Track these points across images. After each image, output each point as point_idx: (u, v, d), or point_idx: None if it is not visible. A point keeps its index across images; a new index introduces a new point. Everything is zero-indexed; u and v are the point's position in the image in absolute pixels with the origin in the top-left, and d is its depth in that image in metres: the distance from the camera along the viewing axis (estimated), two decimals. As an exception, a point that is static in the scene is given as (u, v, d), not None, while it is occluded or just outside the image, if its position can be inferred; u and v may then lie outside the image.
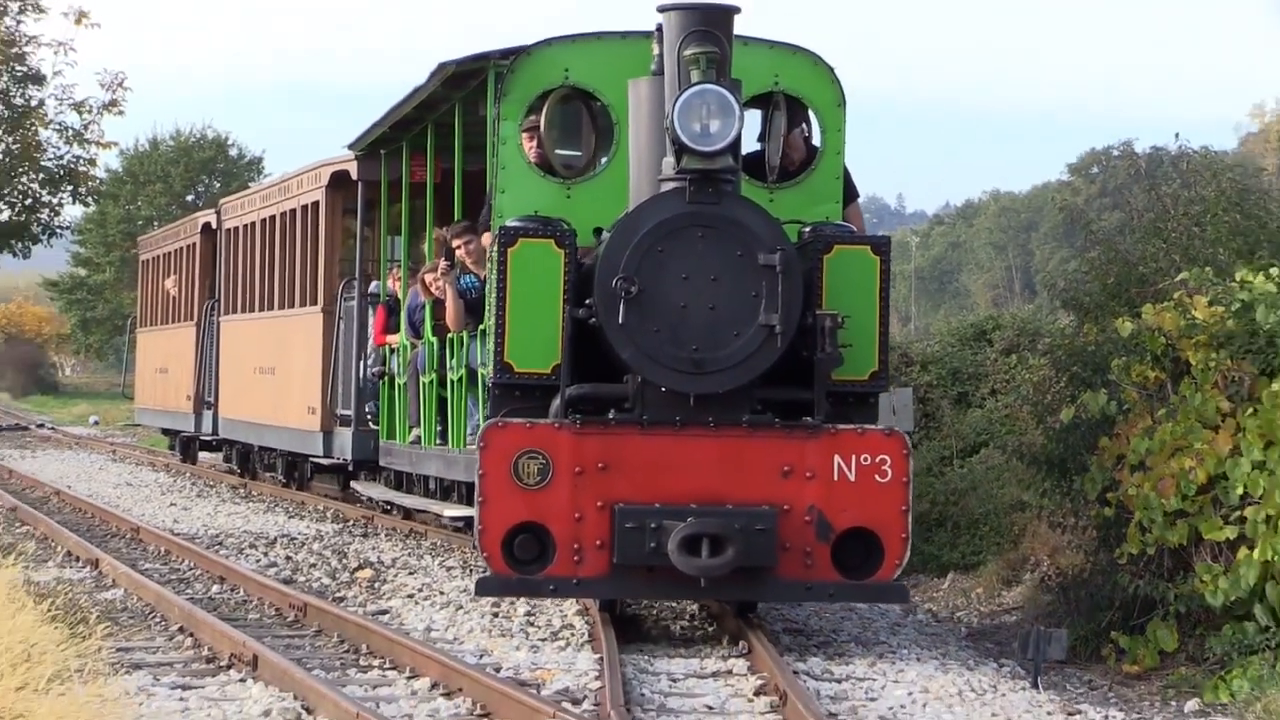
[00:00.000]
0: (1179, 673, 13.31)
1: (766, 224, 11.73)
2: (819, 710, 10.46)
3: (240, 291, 28.30)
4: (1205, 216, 16.04)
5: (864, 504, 11.90)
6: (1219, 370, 13.64)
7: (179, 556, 20.10)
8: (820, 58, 13.37)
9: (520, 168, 13.19)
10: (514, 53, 13.28)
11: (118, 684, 11.54)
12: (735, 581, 11.76)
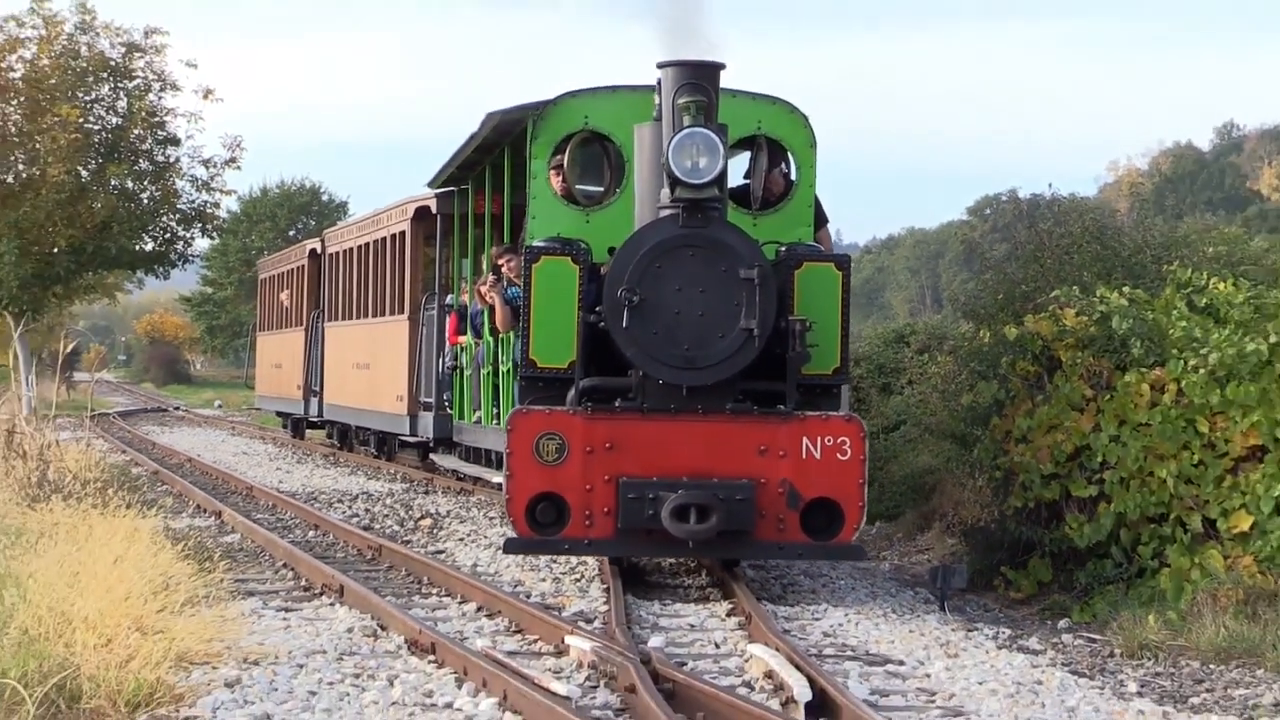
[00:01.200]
0: (1053, 599, 13.38)
1: (746, 244, 11.60)
2: (775, 627, 10.50)
3: (341, 303, 28.17)
4: (1073, 247, 16.09)
5: (828, 478, 11.75)
6: (1083, 365, 13.71)
7: (283, 509, 20.12)
8: (795, 107, 13.34)
9: (547, 198, 13.08)
10: (544, 104, 13.14)
11: (235, 607, 11.57)
12: (719, 543, 11.61)
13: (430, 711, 8.67)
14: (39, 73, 37.63)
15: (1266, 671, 10.44)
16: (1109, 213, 23.95)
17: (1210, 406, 12.77)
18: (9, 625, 9.63)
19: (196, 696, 8.83)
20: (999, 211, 22.41)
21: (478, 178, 16.32)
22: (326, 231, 32.80)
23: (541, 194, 13.09)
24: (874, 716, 8.15)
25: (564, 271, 11.87)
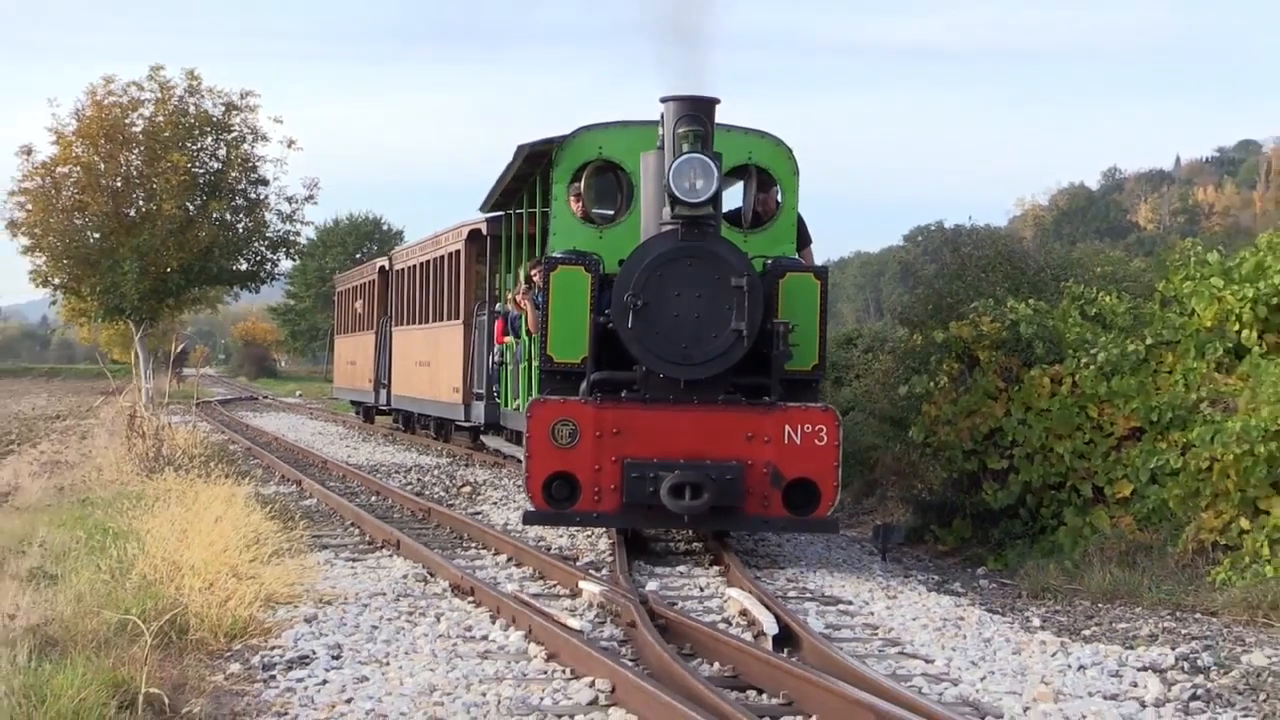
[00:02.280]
0: (972, 551, 13.36)
1: (737, 256, 11.24)
2: (749, 574, 10.50)
3: (405, 310, 27.99)
4: (988, 267, 16.07)
5: (806, 461, 11.27)
6: (997, 363, 13.69)
7: (351, 478, 20.12)
8: (781, 140, 12.92)
9: (566, 217, 12.67)
10: (565, 137, 12.79)
11: (312, 558, 11.59)
12: (711, 517, 11.23)
13: (469, 643, 8.67)
14: (155, 127, 37.79)
15: (1143, 609, 10.47)
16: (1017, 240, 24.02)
17: (1099, 396, 12.79)
18: (130, 572, 9.65)
19: (281, 630, 8.86)
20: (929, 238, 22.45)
21: (518, 203, 15.92)
22: (393, 251, 32.80)
23: (561, 214, 12.71)
24: (828, 646, 8.15)
25: (578, 279, 11.56)
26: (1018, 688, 7.73)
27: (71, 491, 16.12)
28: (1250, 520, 11.17)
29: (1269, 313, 12.83)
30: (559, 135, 12.72)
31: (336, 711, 7.01)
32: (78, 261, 38.17)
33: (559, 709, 7.12)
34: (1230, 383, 12.37)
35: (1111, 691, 7.69)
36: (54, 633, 7.69)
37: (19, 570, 10.12)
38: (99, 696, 6.41)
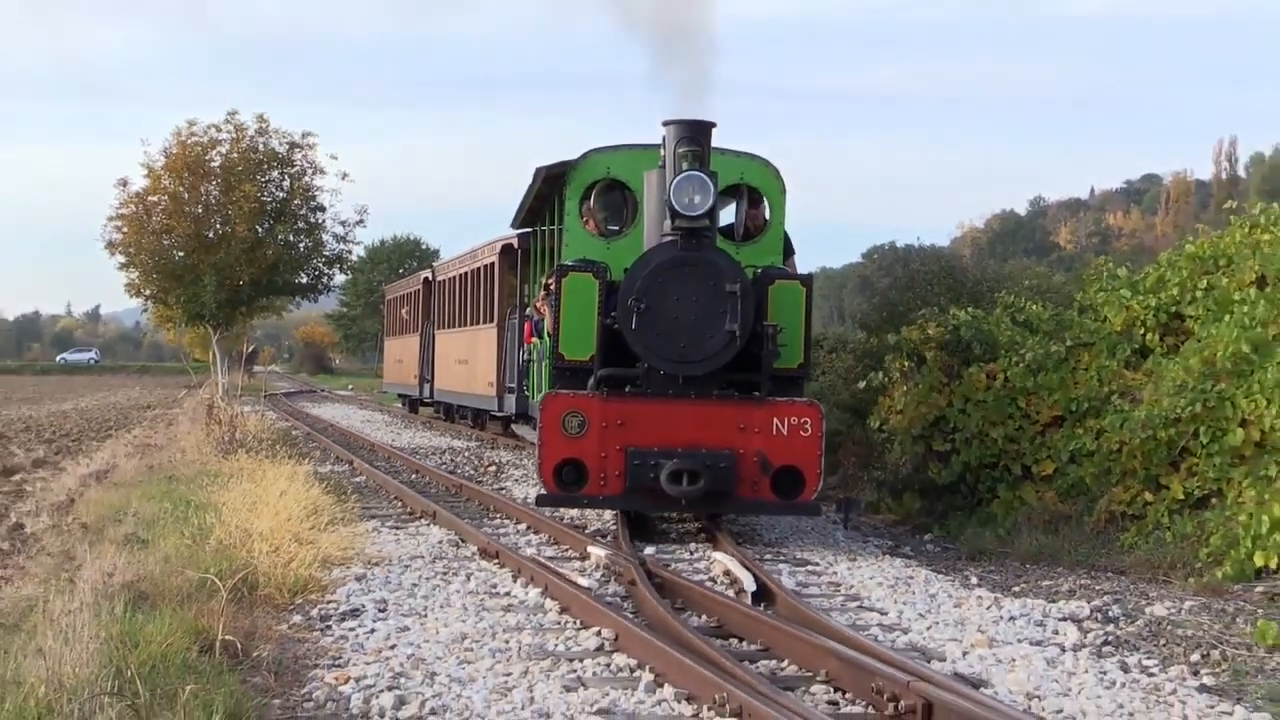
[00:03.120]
0: (920, 521, 13.35)
1: (731, 264, 10.77)
2: (732, 542, 10.48)
3: (446, 315, 27.74)
4: (933, 280, 16.09)
5: (792, 450, 10.67)
6: (941, 361, 13.68)
7: (395, 459, 20.10)
8: (770, 162, 12.47)
9: (578, 231, 12.23)
10: (577, 159, 12.37)
11: (362, 526, 11.56)
12: (706, 500, 10.69)
13: (495, 598, 8.67)
14: (230, 163, 37.92)
15: (1063, 569, 10.47)
16: (957, 257, 24.04)
17: (1026, 389, 12.78)
18: (209, 538, 9.65)
19: (336, 587, 8.86)
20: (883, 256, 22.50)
21: (542, 220, 15.32)
22: (435, 264, 32.72)
23: (573, 227, 12.29)
24: (799, 601, 8.14)
25: (587, 284, 11.07)
26: (958, 636, 7.73)
27: (160, 470, 16.11)
28: (1153, 494, 11.18)
29: (1168, 319, 12.86)
30: (572, 158, 12.39)
31: (382, 656, 7.02)
32: (165, 276, 38.29)
33: (570, 654, 7.12)
34: (1136, 378, 12.38)
35: (1037, 639, 7.70)
36: (145, 588, 7.69)
37: (116, 535, 10.13)
38: (183, 642, 6.41)
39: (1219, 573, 9.65)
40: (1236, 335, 11.29)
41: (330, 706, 6.14)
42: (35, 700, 5.24)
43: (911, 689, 5.78)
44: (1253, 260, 12.46)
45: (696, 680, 6.19)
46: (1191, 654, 7.41)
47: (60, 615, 6.35)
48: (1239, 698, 6.49)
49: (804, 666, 6.81)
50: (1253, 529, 9.69)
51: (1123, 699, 6.36)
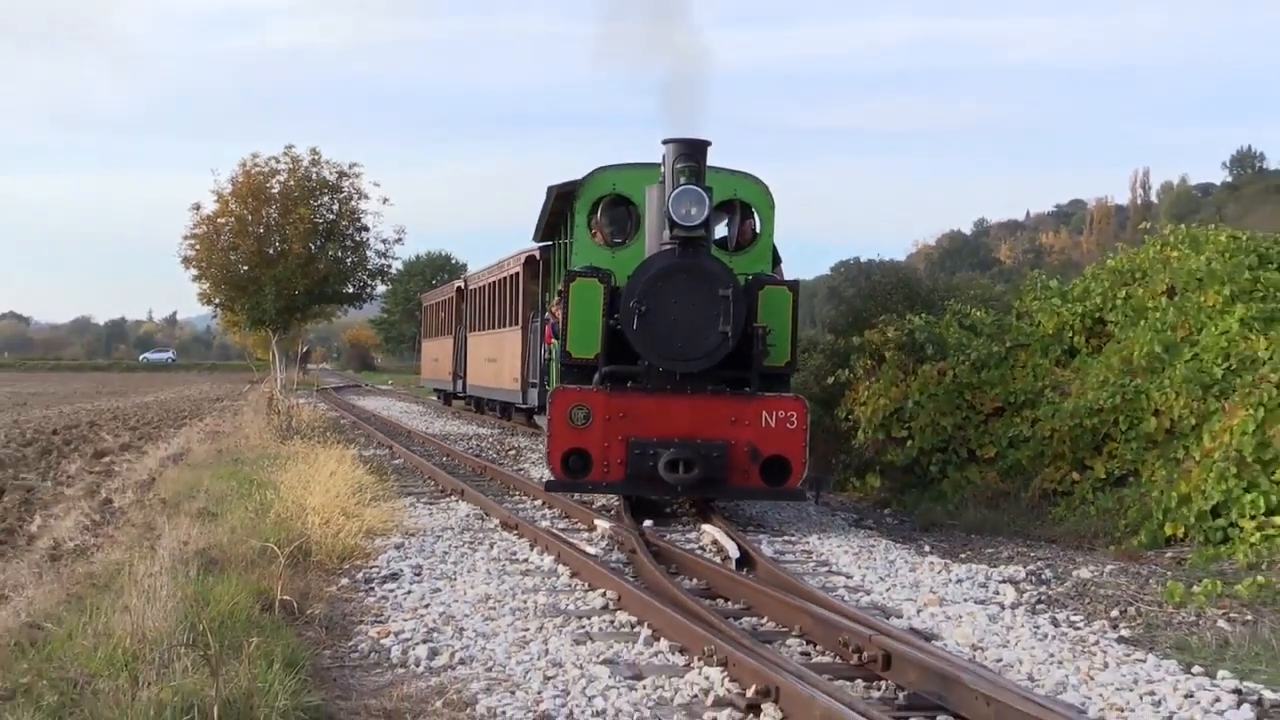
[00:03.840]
0: (881, 497, 13.35)
1: (724, 271, 10.32)
2: (719, 515, 10.47)
3: (477, 320, 27.52)
4: (892, 290, 16.07)
5: (780, 441, 10.14)
6: (898, 360, 13.69)
7: (428, 444, 20.12)
8: (760, 180, 11.88)
9: (585, 241, 11.76)
10: (585, 176, 11.92)
11: (400, 503, 11.56)
12: (700, 487, 10.15)
13: (515, 564, 8.67)
14: (287, 189, 37.90)
15: (1003, 538, 10.48)
16: (913, 270, 23.94)
17: (972, 384, 12.80)
18: (269, 512, 9.65)
19: (377, 554, 8.86)
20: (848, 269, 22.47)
21: (559, 234, 14.60)
22: (466, 275, 32.53)
23: (581, 238, 11.82)
24: (776, 567, 8.14)
25: (593, 289, 10.51)
26: (913, 596, 7.74)
27: (227, 453, 16.11)
28: (1079, 474, 11.21)
29: (1092, 323, 12.89)
30: (581, 177, 11.98)
31: (417, 613, 7.02)
32: (232, 287, 38.26)
33: (579, 612, 7.12)
34: (1065, 375, 12.40)
35: (980, 598, 7.71)
36: (215, 555, 7.69)
37: (190, 509, 10.13)
38: (246, 601, 6.41)
39: (1135, 541, 9.68)
40: (1150, 338, 11.32)
41: (374, 657, 6.15)
42: (122, 650, 5.25)
43: (873, 642, 5.79)
44: (1164, 273, 12.50)
45: (688, 635, 6.20)
46: (1111, 610, 7.42)
47: (143, 577, 6.35)
48: (1151, 647, 6.51)
49: (781, 623, 6.81)
50: (1163, 504, 9.72)
51: (1053, 649, 6.37)
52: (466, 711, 5.10)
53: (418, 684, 5.59)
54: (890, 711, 4.99)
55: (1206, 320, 11.16)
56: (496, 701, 5.25)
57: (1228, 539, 9.16)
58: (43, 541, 9.98)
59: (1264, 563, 8.48)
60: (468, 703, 5.24)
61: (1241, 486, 9.30)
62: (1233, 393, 10.04)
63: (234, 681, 4.76)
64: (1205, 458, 9.69)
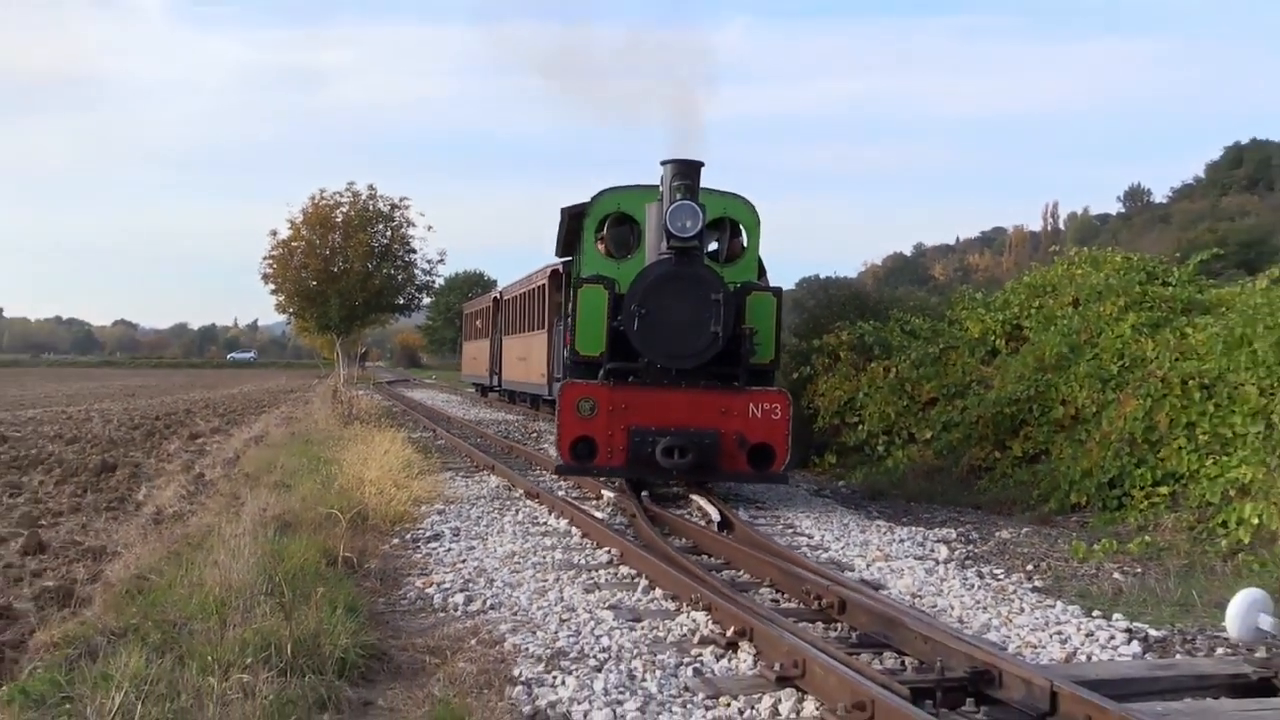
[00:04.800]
0: (837, 472, 13.31)
1: (715, 278, 9.68)
2: (715, 494, 10.44)
3: (510, 324, 26.89)
4: (846, 302, 16.03)
5: (765, 430, 9.47)
6: (851, 359, 13.67)
7: (465, 429, 20.06)
8: (748, 200, 11.09)
9: (593, 254, 11.14)
10: (594, 198, 11.25)
11: (441, 476, 11.48)
12: (694, 471, 9.53)
13: (536, 526, 8.65)
14: (349, 218, 38.11)
15: (937, 506, 10.46)
16: (863, 285, 23.89)
17: (912, 378, 12.77)
18: (333, 484, 9.63)
19: (423, 518, 8.84)
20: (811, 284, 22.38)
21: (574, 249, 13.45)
22: (501, 288, 32.00)
23: (589, 251, 11.22)
24: (750, 529, 8.13)
25: (598, 294, 9.99)
26: (863, 553, 7.72)
27: (298, 435, 16.10)
28: (1001, 452, 11.19)
29: (1011, 329, 12.86)
30: (589, 199, 11.40)
31: (455, 567, 7.00)
32: (302, 298, 38.43)
33: (588, 565, 7.10)
34: (989, 371, 12.37)
35: (919, 555, 7.69)
36: (288, 519, 7.68)
37: (268, 481, 10.12)
38: (314, 558, 6.40)
39: (1046, 508, 9.67)
40: (1058, 340, 11.30)
41: (419, 603, 6.14)
42: (213, 597, 5.24)
43: (830, 590, 5.78)
44: (1070, 288, 12.49)
45: (678, 584, 6.17)
46: (1027, 565, 7.41)
47: (229, 538, 6.35)
48: (1059, 595, 6.50)
49: (754, 575, 6.79)
50: (1069, 477, 9.71)
51: (979, 597, 6.36)
52: (496, 648, 5.09)
53: (456, 625, 5.58)
54: (845, 649, 4.97)
55: (1104, 326, 11.15)
56: (521, 640, 5.24)
57: (1121, 506, 9.16)
58: (148, 508, 9.97)
59: (1150, 525, 8.48)
60: (497, 641, 5.23)
61: (1133, 463, 9.31)
62: (1126, 386, 10.04)
63: (304, 623, 4.75)
64: (1103, 439, 9.69)
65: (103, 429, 20.25)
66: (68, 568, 7.36)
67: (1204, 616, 5.93)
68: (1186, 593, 6.44)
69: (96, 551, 7.90)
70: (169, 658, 4.34)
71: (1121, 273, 12.20)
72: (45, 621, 5.65)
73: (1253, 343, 9.02)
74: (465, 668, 4.72)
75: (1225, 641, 5.37)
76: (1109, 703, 3.91)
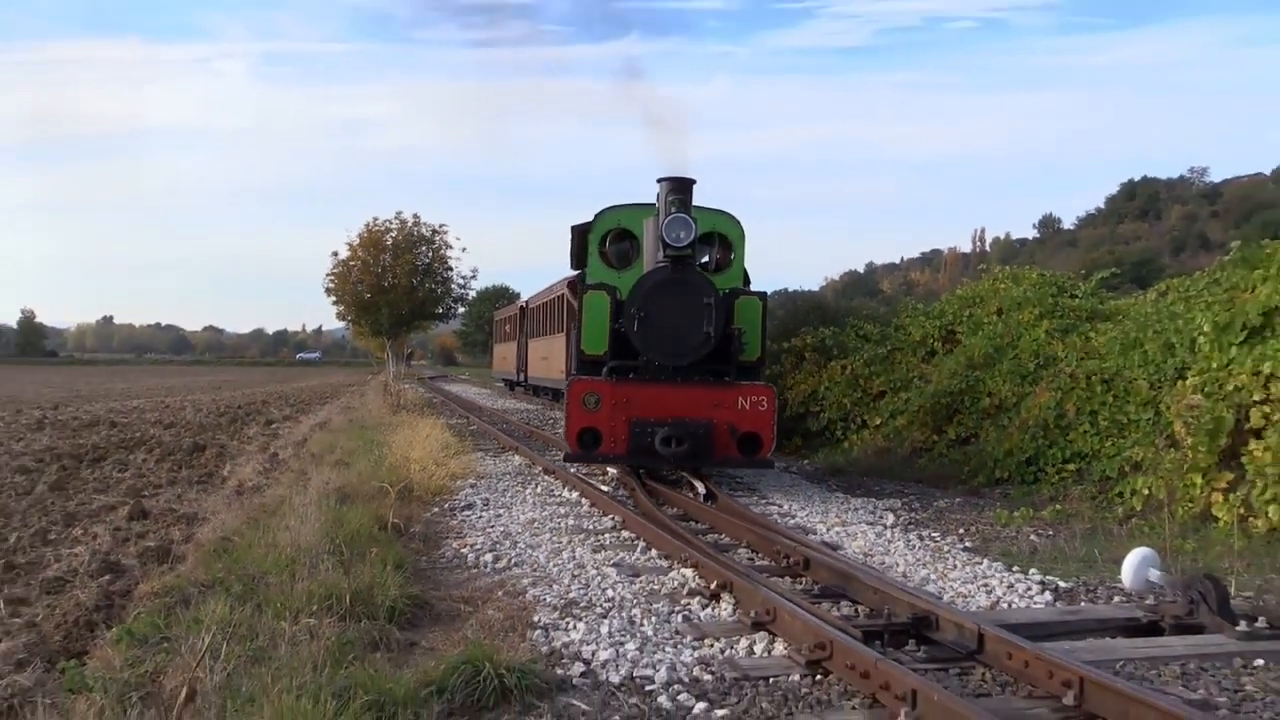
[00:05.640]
0: (802, 453, 13.25)
1: (707, 283, 9.02)
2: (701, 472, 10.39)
3: (534, 328, 26.21)
4: (809, 311, 16.00)
5: (753, 421, 8.80)
6: (814, 359, 13.63)
7: (494, 416, 20.02)
8: (734, 216, 10.38)
9: (597, 265, 10.46)
10: (597, 216, 10.56)
11: (474, 455, 11.43)
12: (689, 458, 8.86)
13: (552, 498, 8.62)
14: (397, 241, 38.16)
15: (886, 480, 10.39)
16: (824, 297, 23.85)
17: (865, 375, 12.76)
18: (384, 462, 9.60)
19: (458, 491, 8.80)
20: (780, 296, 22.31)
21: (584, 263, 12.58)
22: (525, 299, 31.54)
23: (594, 263, 10.56)
24: (731, 500, 8.10)
25: (602, 299, 9.48)
26: (824, 520, 7.71)
27: (355, 422, 16.07)
28: (938, 435, 11.17)
29: (946, 333, 12.85)
30: (593, 216, 10.74)
31: (485, 531, 6.98)
32: (358, 308, 38.50)
33: (596, 530, 7.07)
34: (928, 368, 12.37)
35: (870, 521, 7.68)
36: (347, 491, 7.68)
37: (330, 460, 10.10)
38: (368, 523, 6.39)
39: (975, 481, 9.66)
40: (985, 343, 11.31)
41: (455, 561, 6.13)
42: (285, 555, 5.24)
43: (797, 550, 5.78)
44: (994, 299, 12.49)
45: (670, 546, 6.16)
46: (959, 529, 7.40)
47: (298, 506, 6.35)
48: (986, 554, 6.49)
49: (734, 538, 6.79)
50: (994, 456, 9.70)
51: (919, 555, 6.36)
52: (519, 599, 5.09)
53: (485, 580, 5.57)
54: (809, 599, 4.98)
55: (1023, 331, 11.16)
56: (540, 592, 5.23)
57: (1037, 480, 9.16)
58: (231, 482, 9.96)
59: (1060, 496, 8.49)
60: (520, 592, 5.23)
61: (1046, 444, 9.31)
62: (1040, 380, 10.05)
63: (360, 578, 4.75)
64: (1022, 425, 9.69)
65: (194, 416, 20.22)
66: (165, 531, 7.35)
67: (1104, 571, 5.93)
68: (1090, 551, 6.45)
69: (189, 517, 7.89)
70: (249, 605, 4.34)
71: (1037, 287, 12.23)
72: (147, 575, 5.66)
73: (1144, 345, 9.06)
74: (494, 614, 4.72)
75: (1121, 591, 5.38)
76: (1025, 642, 3.93)
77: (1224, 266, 9.22)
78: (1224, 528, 6.64)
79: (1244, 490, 6.79)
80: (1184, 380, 7.96)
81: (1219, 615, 4.52)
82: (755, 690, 3.76)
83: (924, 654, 4.19)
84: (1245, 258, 8.57)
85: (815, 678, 3.90)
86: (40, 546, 6.92)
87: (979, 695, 3.72)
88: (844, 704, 3.63)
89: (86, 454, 12.78)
